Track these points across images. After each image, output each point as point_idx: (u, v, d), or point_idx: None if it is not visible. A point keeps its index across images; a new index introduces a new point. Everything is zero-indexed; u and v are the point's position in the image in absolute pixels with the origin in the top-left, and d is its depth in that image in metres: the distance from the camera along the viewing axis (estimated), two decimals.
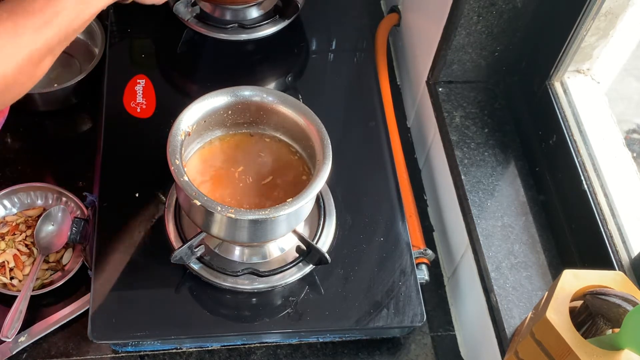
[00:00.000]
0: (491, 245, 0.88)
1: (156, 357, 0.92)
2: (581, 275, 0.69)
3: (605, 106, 0.92)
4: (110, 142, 1.01)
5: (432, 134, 1.06)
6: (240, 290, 0.89)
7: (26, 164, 1.08)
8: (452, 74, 1.03)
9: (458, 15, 0.93)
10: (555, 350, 0.66)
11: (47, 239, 0.98)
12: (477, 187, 0.93)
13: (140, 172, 0.98)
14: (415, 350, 0.95)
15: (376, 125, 1.06)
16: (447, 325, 0.99)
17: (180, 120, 0.82)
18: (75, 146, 1.12)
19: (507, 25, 0.95)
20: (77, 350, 0.92)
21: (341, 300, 0.89)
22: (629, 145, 0.89)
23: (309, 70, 1.14)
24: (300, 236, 0.89)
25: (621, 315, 0.64)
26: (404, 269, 0.92)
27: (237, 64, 1.13)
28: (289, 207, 0.77)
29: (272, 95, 0.87)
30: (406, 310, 0.89)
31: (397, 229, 0.96)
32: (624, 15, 0.85)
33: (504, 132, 0.99)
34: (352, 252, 0.93)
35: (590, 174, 0.86)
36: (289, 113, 0.86)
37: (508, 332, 0.81)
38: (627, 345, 0.63)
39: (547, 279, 0.86)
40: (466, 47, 0.98)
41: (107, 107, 1.04)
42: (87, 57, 1.18)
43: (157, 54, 1.13)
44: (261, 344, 0.93)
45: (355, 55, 1.17)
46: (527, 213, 0.91)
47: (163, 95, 1.06)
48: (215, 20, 1.14)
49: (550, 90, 0.93)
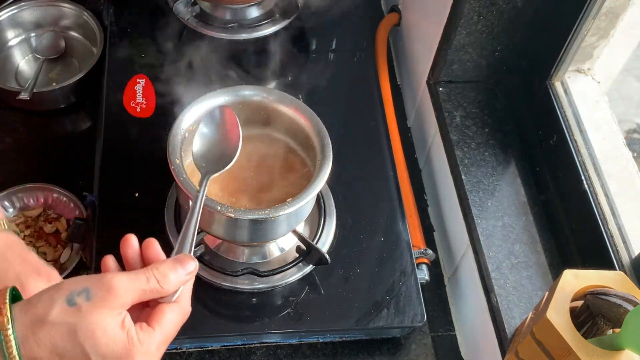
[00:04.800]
0: (491, 245, 0.88)
1: None
2: (581, 275, 0.69)
3: (606, 106, 0.92)
4: (110, 142, 1.01)
5: (433, 134, 1.06)
6: (240, 290, 0.89)
7: (26, 164, 1.08)
8: (452, 74, 1.03)
9: (458, 14, 0.93)
10: (555, 351, 0.66)
11: None
12: (477, 187, 0.93)
13: (140, 172, 0.98)
14: (416, 351, 0.95)
15: (376, 125, 1.06)
16: (448, 325, 0.99)
17: (180, 119, 0.82)
18: (75, 146, 1.12)
19: (508, 25, 0.95)
20: None
21: (341, 300, 0.89)
22: (629, 145, 0.89)
23: (309, 70, 1.14)
24: (300, 236, 0.89)
25: (622, 315, 0.64)
26: (404, 269, 0.92)
27: (237, 63, 1.13)
28: (289, 207, 0.77)
29: (272, 95, 0.87)
30: (406, 310, 0.89)
31: (397, 228, 0.96)
32: (625, 15, 0.85)
33: (504, 132, 0.99)
34: (352, 252, 0.93)
35: (590, 174, 0.85)
36: (289, 113, 0.86)
37: (508, 332, 0.81)
38: (627, 345, 0.63)
39: (548, 279, 0.86)
40: (466, 47, 0.98)
41: (107, 106, 1.04)
42: (86, 57, 1.18)
43: (157, 54, 1.13)
44: (261, 344, 0.93)
45: (355, 55, 1.17)
46: (527, 213, 0.91)
47: (163, 95, 1.05)
48: (215, 19, 1.14)
49: (551, 90, 0.93)
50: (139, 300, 0.54)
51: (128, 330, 0.52)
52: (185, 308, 0.57)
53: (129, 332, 0.52)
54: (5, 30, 1.19)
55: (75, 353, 0.50)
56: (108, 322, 0.51)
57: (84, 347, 0.50)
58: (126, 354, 0.51)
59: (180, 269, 0.57)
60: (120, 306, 0.52)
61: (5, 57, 1.19)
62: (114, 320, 0.51)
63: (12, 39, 1.20)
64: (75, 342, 0.50)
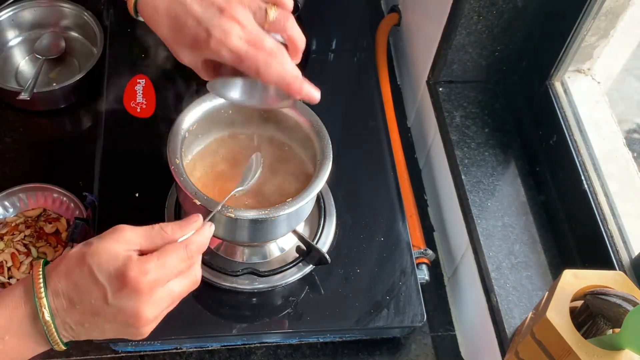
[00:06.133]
0: (491, 245, 0.88)
1: (156, 357, 0.92)
2: (581, 275, 0.69)
3: (606, 106, 0.92)
4: (110, 141, 1.01)
5: (433, 134, 1.06)
6: (240, 290, 0.89)
7: (26, 164, 1.08)
8: (452, 74, 1.03)
9: (458, 14, 0.93)
10: (555, 350, 0.66)
11: None
12: (477, 187, 0.93)
13: (140, 172, 0.98)
14: (416, 351, 0.95)
15: (376, 125, 1.06)
16: (448, 325, 0.99)
17: (181, 119, 0.82)
18: (75, 146, 1.12)
19: (508, 25, 0.95)
20: (77, 350, 0.92)
21: (341, 300, 0.89)
22: (629, 145, 0.89)
23: (309, 70, 1.14)
24: (300, 236, 0.89)
25: (621, 315, 0.64)
26: (404, 269, 0.92)
27: None
28: (289, 207, 0.77)
29: None
30: (406, 310, 0.89)
31: (397, 228, 0.96)
32: (625, 15, 0.85)
33: (504, 132, 0.99)
34: (352, 252, 0.93)
35: (590, 174, 0.85)
36: (289, 113, 0.86)
37: (508, 332, 0.81)
38: (627, 345, 0.63)
39: (548, 279, 0.86)
40: (466, 47, 0.98)
41: (107, 106, 1.04)
42: (86, 57, 1.18)
43: (157, 54, 1.13)
44: (261, 344, 0.93)
45: (355, 55, 1.17)
46: (527, 213, 0.91)
47: (163, 95, 1.05)
48: None
49: (551, 90, 0.93)
50: (145, 243, 0.61)
51: (130, 253, 0.59)
52: (194, 274, 0.63)
53: (130, 253, 0.59)
54: (6, 30, 1.19)
55: (83, 274, 0.58)
56: (112, 246, 0.59)
57: (90, 267, 0.58)
58: (124, 266, 0.58)
59: (184, 222, 0.64)
60: (125, 242, 0.60)
61: (5, 57, 1.19)
62: (120, 246, 0.59)
63: (12, 39, 1.20)
64: (84, 264, 0.58)
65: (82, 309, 0.59)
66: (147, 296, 0.59)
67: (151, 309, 0.59)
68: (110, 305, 0.58)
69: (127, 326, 0.60)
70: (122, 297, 0.58)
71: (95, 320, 0.59)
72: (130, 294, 0.58)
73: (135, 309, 0.58)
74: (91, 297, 0.58)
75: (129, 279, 0.57)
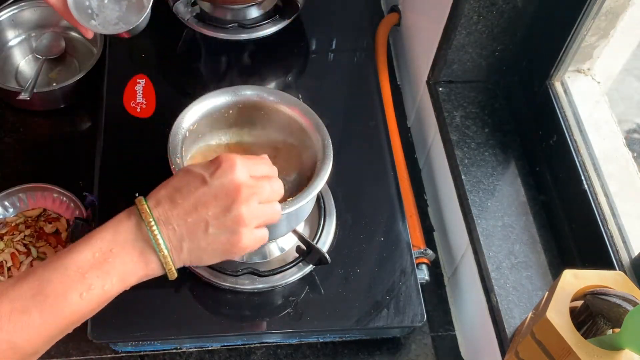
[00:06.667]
0: (491, 245, 0.88)
1: (156, 357, 0.92)
2: (581, 275, 0.69)
3: (606, 106, 0.92)
4: (110, 142, 1.01)
5: (433, 134, 1.06)
6: (240, 290, 0.89)
7: (26, 164, 1.08)
8: (452, 74, 1.03)
9: (458, 14, 0.93)
10: (555, 350, 0.66)
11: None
12: (477, 187, 0.93)
13: (140, 172, 0.98)
14: (416, 350, 0.95)
15: (376, 125, 1.06)
16: (447, 325, 0.99)
17: (181, 119, 0.82)
18: (75, 146, 1.12)
19: (508, 25, 0.95)
20: (77, 350, 0.92)
21: (341, 300, 0.89)
22: (629, 145, 0.88)
23: (309, 70, 1.14)
24: (300, 236, 0.89)
25: (621, 315, 0.64)
26: (404, 269, 0.92)
27: (237, 63, 1.13)
28: (289, 207, 0.77)
29: (272, 95, 0.87)
30: (406, 310, 0.89)
31: (397, 228, 0.96)
32: (625, 15, 0.85)
33: (504, 132, 0.99)
34: (352, 252, 0.93)
35: (590, 174, 0.85)
36: (289, 113, 0.86)
37: (508, 332, 0.81)
38: (627, 345, 0.63)
39: (548, 279, 0.86)
40: (466, 47, 0.98)
41: (107, 106, 1.04)
42: (86, 57, 1.18)
43: (157, 54, 1.13)
44: (261, 344, 0.93)
45: (355, 55, 1.17)
46: (527, 213, 0.91)
47: (163, 95, 1.06)
48: (215, 20, 1.14)
49: (551, 90, 0.93)
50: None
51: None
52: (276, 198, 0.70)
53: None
54: (6, 30, 1.19)
55: (179, 176, 0.65)
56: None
57: (184, 169, 0.66)
58: (216, 157, 0.65)
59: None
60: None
61: (5, 57, 1.19)
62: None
63: (12, 39, 1.20)
64: (178, 173, 0.67)
65: (183, 203, 0.63)
66: (242, 169, 0.64)
67: (248, 182, 0.64)
68: (210, 186, 0.63)
69: (227, 210, 0.63)
70: (220, 175, 0.63)
71: (198, 213, 0.63)
72: (225, 170, 0.63)
73: (233, 181, 0.63)
74: (191, 186, 0.63)
75: (222, 159, 0.64)
